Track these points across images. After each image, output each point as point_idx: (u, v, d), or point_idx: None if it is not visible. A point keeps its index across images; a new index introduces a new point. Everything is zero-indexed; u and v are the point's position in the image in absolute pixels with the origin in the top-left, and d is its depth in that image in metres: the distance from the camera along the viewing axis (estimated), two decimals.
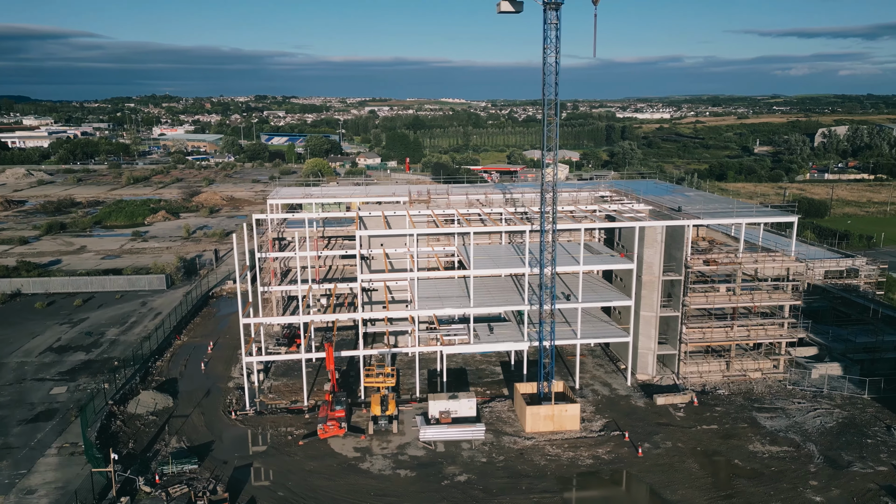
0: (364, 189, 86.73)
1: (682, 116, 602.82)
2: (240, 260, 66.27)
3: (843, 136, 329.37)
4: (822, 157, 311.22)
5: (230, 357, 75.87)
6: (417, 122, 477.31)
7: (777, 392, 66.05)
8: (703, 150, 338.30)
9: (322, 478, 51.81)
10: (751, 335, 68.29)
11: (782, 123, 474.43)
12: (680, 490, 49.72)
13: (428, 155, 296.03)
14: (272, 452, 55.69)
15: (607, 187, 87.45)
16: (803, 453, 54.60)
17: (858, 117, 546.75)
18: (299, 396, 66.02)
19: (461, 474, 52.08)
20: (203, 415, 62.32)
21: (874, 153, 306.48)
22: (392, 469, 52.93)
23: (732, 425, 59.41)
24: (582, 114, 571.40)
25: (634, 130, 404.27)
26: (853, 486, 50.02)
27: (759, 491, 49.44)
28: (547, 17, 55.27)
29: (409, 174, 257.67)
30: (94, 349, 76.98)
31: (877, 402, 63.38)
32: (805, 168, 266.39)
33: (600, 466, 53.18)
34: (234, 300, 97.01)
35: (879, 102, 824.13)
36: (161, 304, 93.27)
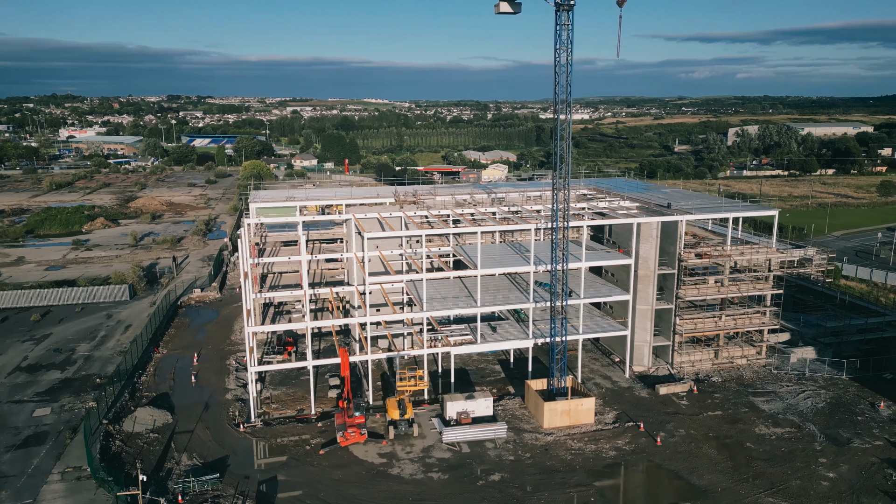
0: (349, 191, 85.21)
1: (601, 117, 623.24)
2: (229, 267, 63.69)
3: (755, 135, 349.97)
4: (737, 154, 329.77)
5: (220, 368, 72.91)
6: (347, 123, 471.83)
7: (765, 377, 69.80)
8: (628, 149, 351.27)
9: (354, 486, 50.73)
10: (737, 324, 71.88)
11: (695, 123, 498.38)
12: (706, 475, 51.81)
13: (366, 156, 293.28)
14: (293, 463, 54.01)
15: (586, 185, 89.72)
16: (805, 433, 58.03)
17: (762, 117, 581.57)
18: (303, 405, 64.31)
19: (494, 474, 52.26)
20: (209, 429, 59.64)
21: (783, 151, 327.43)
22: (423, 473, 52.46)
23: (735, 410, 62.37)
24: (508, 115, 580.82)
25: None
26: (857, 461, 53.62)
27: (777, 471, 52.19)
28: (559, 18, 56.31)
29: (349, 175, 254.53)
30: (69, 367, 72.09)
31: (855, 382, 68.08)
32: (725, 166, 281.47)
33: (625, 457, 54.65)
34: (205, 309, 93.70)
35: (777, 103, 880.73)
36: (128, 316, 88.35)
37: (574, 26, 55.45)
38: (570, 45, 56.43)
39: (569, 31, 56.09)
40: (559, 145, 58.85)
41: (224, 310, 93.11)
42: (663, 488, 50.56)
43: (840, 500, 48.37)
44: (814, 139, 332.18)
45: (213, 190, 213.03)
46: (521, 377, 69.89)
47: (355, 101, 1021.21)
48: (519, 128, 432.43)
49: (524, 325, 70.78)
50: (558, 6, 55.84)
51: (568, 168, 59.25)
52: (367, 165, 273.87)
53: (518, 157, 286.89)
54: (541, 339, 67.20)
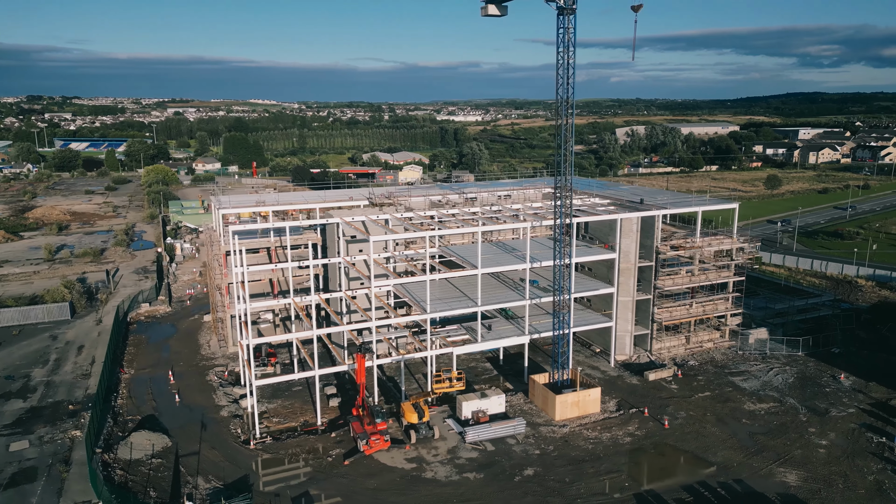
0: (321, 195, 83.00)
1: (494, 119, 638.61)
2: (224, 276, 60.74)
3: (643, 135, 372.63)
4: (629, 153, 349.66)
5: (201, 385, 68.92)
6: (240, 125, 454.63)
7: (734, 358, 75.31)
8: (529, 149, 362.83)
9: (394, 493, 49.95)
10: (705, 310, 77.08)
11: (584, 124, 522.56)
12: (719, 452, 55.43)
13: (273, 159, 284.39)
14: (320, 476, 52.32)
15: (549, 184, 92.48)
16: (788, 406, 63.38)
17: (641, 118, 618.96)
18: (305, 416, 62.24)
19: (526, 469, 53.19)
20: (215, 448, 56.41)
21: (670, 149, 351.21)
22: (457, 474, 52.49)
23: (721, 391, 66.96)
24: (406, 117, 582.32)
25: (465, 132, 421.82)
26: (840, 428, 59.30)
27: (778, 443, 56.72)
28: (560, 22, 58.13)
29: (261, 179, 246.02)
30: (30, 394, 65.48)
31: (811, 358, 74.91)
32: (622, 164, 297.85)
33: (641, 442, 57.33)
34: (159, 324, 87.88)
35: (650, 105, 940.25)
36: (76, 337, 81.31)
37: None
38: (573, 48, 58.44)
39: (571, 35, 58.07)
40: (563, 147, 60.64)
41: (180, 324, 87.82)
42: (686, 467, 53.53)
43: (839, 464, 53.39)
44: (695, 138, 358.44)
45: (117, 197, 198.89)
46: (514, 373, 71.36)
47: (241, 102, 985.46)
48: (422, 129, 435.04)
49: (514, 322, 72.20)
50: (561, 10, 57.65)
51: (571, 169, 61.17)
52: (277, 168, 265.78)
53: (431, 159, 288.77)
54: (535, 335, 68.92)
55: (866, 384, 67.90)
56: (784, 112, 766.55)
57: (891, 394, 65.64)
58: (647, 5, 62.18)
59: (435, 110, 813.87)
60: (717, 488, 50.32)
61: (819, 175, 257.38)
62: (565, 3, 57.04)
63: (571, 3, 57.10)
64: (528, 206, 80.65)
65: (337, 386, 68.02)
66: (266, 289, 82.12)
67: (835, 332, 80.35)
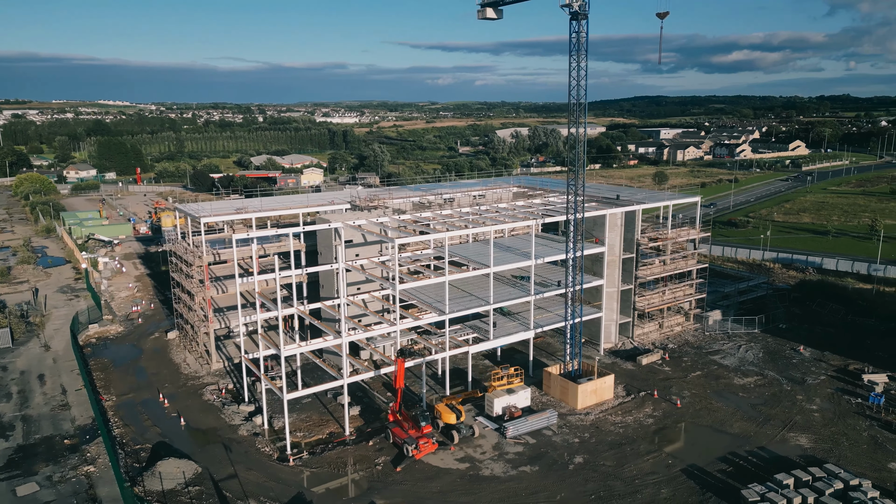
0: (305, 198, 79.99)
1: (373, 121, 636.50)
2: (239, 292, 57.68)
3: (527, 136, 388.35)
4: (516, 154, 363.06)
5: (200, 406, 64.56)
6: (102, 128, 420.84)
7: (703, 339, 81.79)
8: (419, 151, 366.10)
9: (461, 494, 50.02)
10: (675, 296, 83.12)
11: (465, 126, 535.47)
12: (735, 424, 60.43)
13: (156, 164, 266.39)
14: (378, 485, 51.23)
15: (515, 184, 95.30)
16: (771, 379, 70.10)
17: (517, 120, 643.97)
18: (328, 428, 60.34)
19: (575, 457, 55.11)
20: (252, 469, 53.38)
21: (552, 149, 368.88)
22: (513, 469, 53.40)
23: (708, 369, 72.66)
24: (285, 119, 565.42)
25: (354, 134, 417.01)
26: (821, 394, 66.60)
27: (778, 411, 62.76)
28: (573, 26, 60.69)
29: (152, 186, 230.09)
30: (10, 432, 58.16)
31: (766, 334, 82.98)
32: (515, 164, 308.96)
33: (663, 422, 61.16)
34: (116, 346, 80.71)
35: (518, 108, 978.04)
36: (28, 365, 72.91)
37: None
38: (586, 53, 61.16)
39: (584, 39, 60.75)
40: (577, 147, 63.21)
41: (142, 343, 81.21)
42: (713, 441, 57.82)
43: (836, 425, 60.12)
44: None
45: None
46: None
47: (89, 103, 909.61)
48: (309, 132, 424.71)
49: (513, 319, 73.95)
50: (575, 15, 60.19)
51: (584, 168, 63.88)
52: (165, 174, 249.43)
53: (330, 161, 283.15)
54: (538, 329, 71.13)
55: (822, 354, 76.50)
56: (635, 113, 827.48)
57: (845, 361, 74.41)
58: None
59: (308, 112, 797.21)
60: (748, 457, 55.00)
61: (691, 171, 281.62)
62: (580, 9, 59.67)
63: (585, 9, 59.86)
64: (531, 203, 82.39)
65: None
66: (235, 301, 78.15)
67: (778, 311, 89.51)
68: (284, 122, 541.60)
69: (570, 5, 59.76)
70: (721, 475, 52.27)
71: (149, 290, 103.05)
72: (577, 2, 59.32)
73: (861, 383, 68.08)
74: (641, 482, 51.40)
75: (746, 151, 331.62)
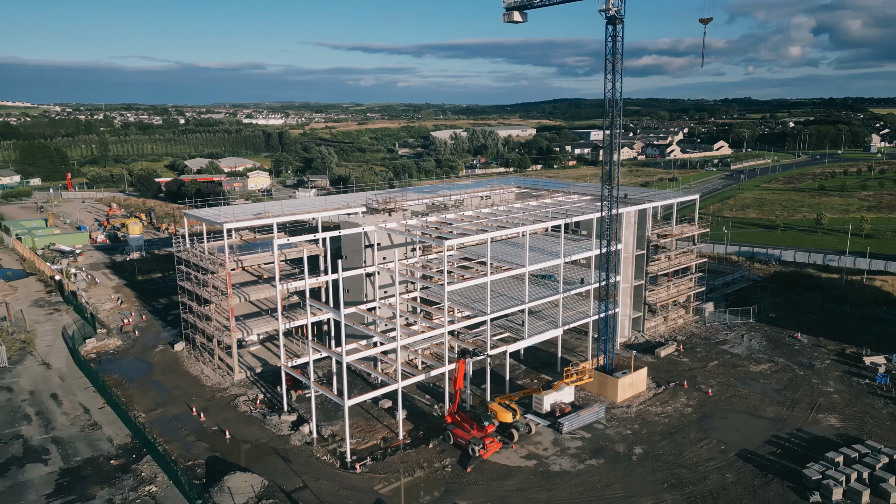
0: (323, 201, 78.21)
1: (303, 122, 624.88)
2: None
3: (466, 138, 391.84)
4: (458, 155, 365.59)
5: (240, 417, 62.34)
6: (8, 130, 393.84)
7: (707, 330, 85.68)
8: (359, 153, 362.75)
9: (540, 490, 50.68)
10: (679, 290, 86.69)
11: (399, 128, 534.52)
12: (768, 409, 63.81)
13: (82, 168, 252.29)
14: (455, 487, 51.18)
15: (516, 185, 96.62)
16: (782, 365, 74.33)
17: (448, 122, 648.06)
18: (379, 433, 59.63)
19: (633, 448, 56.79)
20: (320, 479, 52.16)
21: (491, 151, 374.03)
22: (581, 463, 54.50)
23: (723, 359, 76.25)
24: (211, 120, 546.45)
25: (289, 136, 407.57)
26: (832, 376, 71.23)
27: (801, 395, 66.70)
28: (610, 30, 62.52)
29: (78, 192, 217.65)
30: (44, 455, 54.24)
31: (762, 324, 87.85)
32: (460, 165, 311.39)
33: (701, 410, 63.83)
34: (121, 360, 76.54)
35: (446, 110, 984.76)
36: (35, 385, 68.21)
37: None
38: (621, 56, 63.08)
39: (619, 42, 62.65)
40: (612, 148, 65.04)
41: (148, 357, 77.35)
42: (753, 426, 60.80)
43: (856, 405, 64.52)
44: (514, 141, 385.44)
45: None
46: (540, 365, 74.53)
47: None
48: (241, 134, 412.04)
49: (538, 317, 75.11)
50: (612, 19, 62.01)
51: (618, 169, 65.76)
52: (99, 179, 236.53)
53: (274, 164, 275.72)
54: (566, 326, 72.63)
55: (818, 339, 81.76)
56: (557, 116, 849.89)
57: (840, 345, 79.79)
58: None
59: (230, 113, 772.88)
60: (790, 439, 58.29)
61: (630, 170, 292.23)
62: (617, 13, 61.55)
63: (621, 13, 61.78)
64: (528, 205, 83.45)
65: None
66: (251, 309, 75.92)
67: (767, 301, 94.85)
68: (211, 123, 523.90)
69: (608, 10, 61.59)
70: (774, 457, 55.19)
71: (132, 300, 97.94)
72: (614, 7, 61.24)
73: (863, 365, 73.29)
74: (704, 468, 53.61)
75: (676, 151, 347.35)
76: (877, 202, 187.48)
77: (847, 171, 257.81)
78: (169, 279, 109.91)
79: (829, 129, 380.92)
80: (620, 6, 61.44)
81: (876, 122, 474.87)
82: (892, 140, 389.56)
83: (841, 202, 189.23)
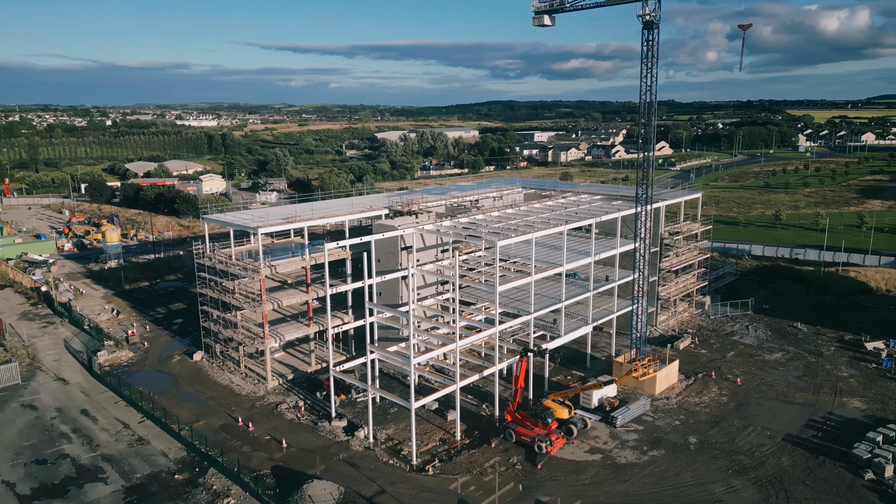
0: (350, 204, 76.95)
1: (241, 124, 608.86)
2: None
3: (415, 139, 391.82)
4: (408, 157, 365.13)
5: (290, 426, 60.97)
6: None
7: (712, 322, 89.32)
8: (307, 155, 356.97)
9: (615, 482, 51.89)
10: (685, 285, 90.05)
11: (341, 129, 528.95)
12: (796, 395, 67.27)
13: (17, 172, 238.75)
14: (531, 484, 51.78)
15: (521, 186, 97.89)
16: (794, 353, 78.38)
17: (391, 123, 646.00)
18: (436, 435, 59.57)
19: (687, 437, 58.79)
20: (395, 483, 51.74)
21: (441, 153, 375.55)
22: (644, 454, 56.03)
23: (738, 349, 79.69)
24: (144, 122, 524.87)
25: (233, 137, 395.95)
26: (841, 362, 75.63)
27: (821, 381, 70.56)
28: (645, 35, 64.60)
29: (16, 199, 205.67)
30: (100, 474, 51.47)
31: (761, 314, 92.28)
32: (415, 167, 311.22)
33: (735, 399, 66.61)
34: (138, 373, 73.56)
35: (384, 111, 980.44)
36: (57, 401, 64.60)
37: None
38: (656, 60, 65.19)
39: (655, 47, 64.76)
40: (649, 149, 67.11)
41: (166, 368, 74.41)
42: (788, 412, 63.96)
43: (872, 387, 68.81)
44: (463, 142, 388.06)
45: None
46: (567, 362, 75.94)
47: None
48: (182, 135, 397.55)
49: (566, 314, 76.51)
50: (648, 25, 64.09)
51: (651, 171, 67.88)
52: (39, 185, 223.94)
53: (227, 167, 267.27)
54: (595, 323, 74.36)
55: (816, 328, 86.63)
56: (492, 117, 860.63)
57: (837, 332, 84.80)
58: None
59: (157, 114, 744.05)
60: (826, 422, 61.71)
61: (582, 171, 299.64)
62: (653, 19, 63.67)
63: (657, 18, 63.93)
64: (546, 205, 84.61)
65: None
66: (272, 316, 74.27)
67: (760, 294, 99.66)
68: (142, 125, 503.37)
69: (644, 15, 63.67)
70: (817, 440, 58.34)
71: (127, 311, 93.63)
72: (650, 13, 63.34)
73: (866, 351, 78.22)
74: (760, 454, 56.14)
75: (621, 152, 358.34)
76: (821, 198, 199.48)
77: (786, 169, 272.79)
78: (158, 288, 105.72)
79: (759, 129, 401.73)
80: (656, 11, 63.61)
81: (795, 122, 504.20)
82: (815, 139, 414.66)
83: (789, 199, 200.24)
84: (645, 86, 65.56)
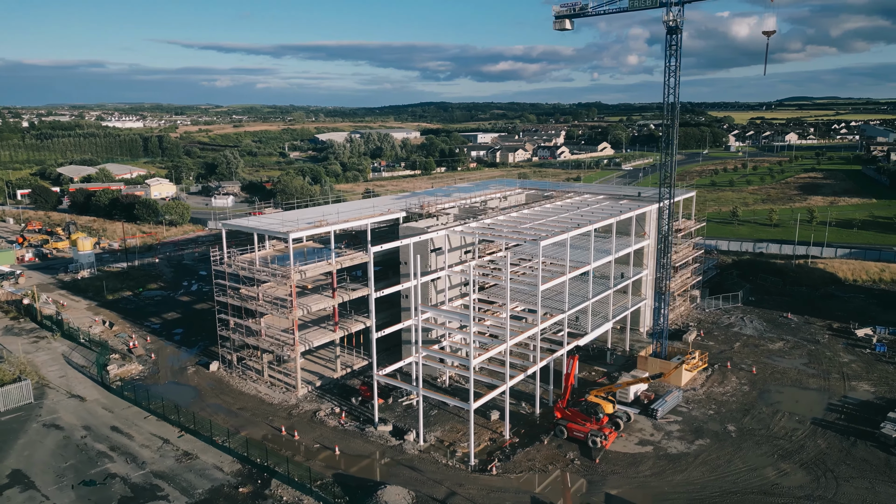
0: (372, 206, 75.69)
1: (170, 125, 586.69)
2: None
3: (361, 141, 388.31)
4: (356, 158, 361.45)
5: (334, 433, 59.91)
6: None
7: (709, 315, 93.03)
8: (250, 157, 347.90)
9: (674, 473, 53.48)
10: (684, 280, 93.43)
11: (279, 130, 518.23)
12: (809, 381, 71.01)
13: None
14: (596, 479, 52.80)
15: (521, 187, 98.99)
16: (794, 342, 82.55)
17: (328, 124, 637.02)
18: (485, 435, 59.78)
19: (726, 426, 61.14)
20: (462, 484, 51.71)
21: (388, 154, 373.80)
22: (689, 444, 57.91)
23: (742, 340, 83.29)
24: (68, 123, 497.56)
25: (170, 139, 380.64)
26: (838, 349, 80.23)
27: (828, 367, 74.51)
28: (669, 40, 66.87)
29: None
30: (158, 492, 48.98)
31: (749, 306, 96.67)
32: (366, 169, 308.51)
33: (756, 387, 69.66)
34: (153, 387, 70.97)
35: (317, 111, 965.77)
36: (79, 419, 61.11)
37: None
38: (678, 62, 67.51)
39: (678, 51, 67.08)
40: (670, 153, 69.38)
41: (183, 380, 71.58)
42: (808, 397, 67.37)
43: (874, 371, 73.32)
44: (410, 145, 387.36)
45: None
46: (589, 359, 77.26)
47: None
48: (117, 138, 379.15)
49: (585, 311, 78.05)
50: (672, 30, 66.37)
51: (673, 171, 70.19)
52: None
53: (174, 170, 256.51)
54: (615, 319, 76.26)
55: (804, 318, 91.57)
56: (426, 118, 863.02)
57: (824, 321, 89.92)
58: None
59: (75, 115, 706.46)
60: (844, 405, 65.48)
61: (534, 171, 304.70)
62: (677, 24, 65.97)
63: (680, 24, 66.25)
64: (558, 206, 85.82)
65: None
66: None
67: (746, 286, 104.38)
68: (66, 126, 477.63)
69: (669, 21, 65.90)
70: (842, 422, 61.87)
71: (120, 322, 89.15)
72: (674, 18, 65.63)
73: (857, 338, 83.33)
74: (797, 438, 59.04)
75: (566, 153, 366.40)
76: (766, 195, 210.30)
77: (726, 168, 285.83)
78: (143, 297, 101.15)
79: (693, 130, 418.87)
80: (679, 17, 65.92)
81: (721, 124, 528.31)
82: (743, 140, 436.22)
83: (737, 196, 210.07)
84: (668, 88, 67.81)
